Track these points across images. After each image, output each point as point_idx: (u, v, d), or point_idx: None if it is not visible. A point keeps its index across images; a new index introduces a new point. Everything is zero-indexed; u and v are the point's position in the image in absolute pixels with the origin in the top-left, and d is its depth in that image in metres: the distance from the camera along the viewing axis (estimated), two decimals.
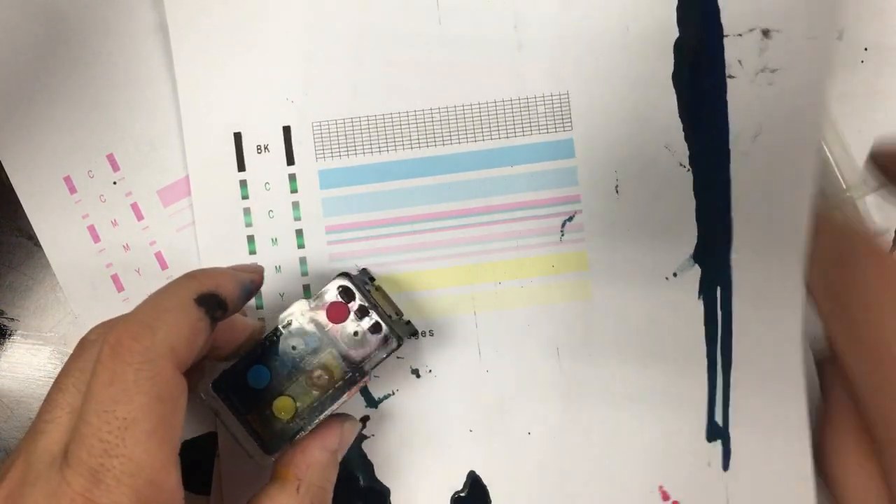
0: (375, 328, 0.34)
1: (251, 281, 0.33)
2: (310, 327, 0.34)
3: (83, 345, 0.30)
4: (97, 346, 0.28)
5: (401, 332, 0.36)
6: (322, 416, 0.34)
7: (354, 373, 0.34)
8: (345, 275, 0.35)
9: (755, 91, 0.39)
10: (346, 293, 0.34)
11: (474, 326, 0.40)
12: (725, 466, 0.39)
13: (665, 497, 0.39)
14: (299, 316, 0.34)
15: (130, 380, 0.26)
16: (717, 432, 0.39)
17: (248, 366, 0.34)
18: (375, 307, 0.35)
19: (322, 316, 0.34)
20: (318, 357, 0.34)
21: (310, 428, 0.34)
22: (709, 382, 0.39)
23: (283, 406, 0.34)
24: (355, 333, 0.34)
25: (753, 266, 0.38)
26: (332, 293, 0.34)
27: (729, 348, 0.39)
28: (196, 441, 0.40)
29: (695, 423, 0.39)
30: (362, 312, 0.34)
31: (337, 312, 0.34)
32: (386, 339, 0.34)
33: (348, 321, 0.34)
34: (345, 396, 0.34)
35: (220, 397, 0.34)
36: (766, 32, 0.38)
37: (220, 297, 0.30)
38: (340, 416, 0.35)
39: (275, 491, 0.31)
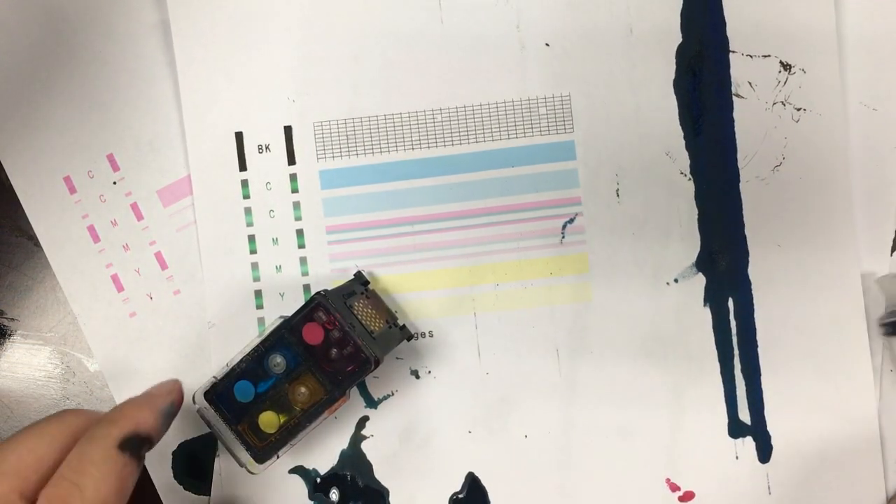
0: (353, 349, 0.34)
1: (171, 404, 0.33)
2: (290, 345, 0.35)
3: None
4: None
5: (385, 345, 0.36)
6: (305, 431, 0.35)
7: (333, 391, 0.35)
8: (320, 294, 0.35)
9: (772, 121, 0.39)
10: (323, 313, 0.34)
11: (474, 328, 0.40)
12: (764, 459, 0.39)
13: (674, 488, 0.39)
14: (281, 334, 0.35)
15: None
16: (745, 430, 0.39)
17: (235, 380, 0.35)
18: (353, 327, 0.35)
19: (301, 335, 0.35)
20: (299, 375, 0.35)
21: (294, 441, 0.35)
22: (725, 385, 0.39)
23: (267, 421, 0.35)
24: (333, 353, 0.34)
25: (775, 287, 0.39)
26: (308, 314, 0.35)
27: (754, 357, 0.39)
28: (196, 441, 0.40)
29: (707, 421, 0.39)
30: (340, 333, 0.34)
31: (313, 333, 0.34)
32: (363, 361, 0.34)
33: (325, 341, 0.34)
34: (324, 414, 0.35)
35: (212, 407, 0.35)
36: (786, 66, 0.38)
37: (142, 435, 0.30)
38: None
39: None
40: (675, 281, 0.39)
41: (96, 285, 0.41)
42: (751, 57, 0.39)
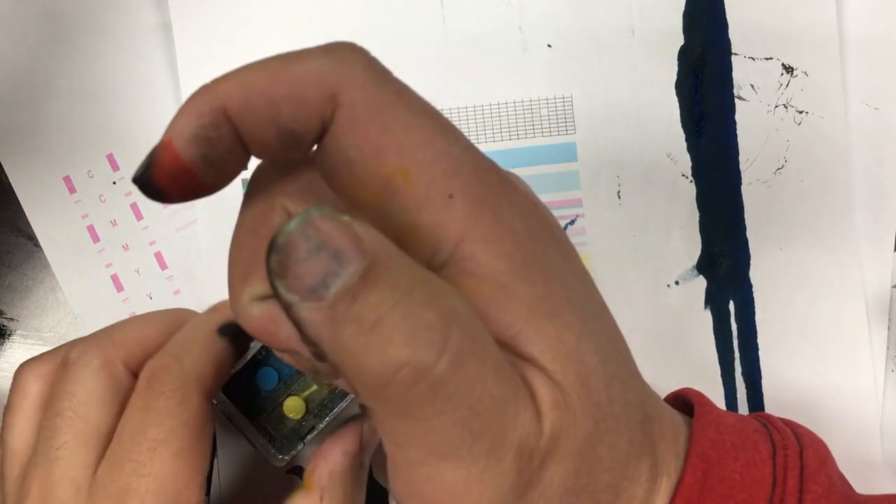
0: None
1: None
2: None
3: (67, 365, 0.30)
4: (84, 363, 0.29)
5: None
6: (333, 414, 0.34)
7: None
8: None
9: (774, 123, 0.39)
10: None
11: None
12: None
13: None
14: None
15: (161, 405, 0.28)
16: None
17: (256, 369, 0.34)
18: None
19: None
20: None
21: (321, 426, 0.34)
22: (726, 389, 0.39)
23: (292, 406, 0.34)
24: None
25: (776, 289, 0.39)
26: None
27: (755, 360, 0.39)
28: None
29: None
30: None
31: None
32: None
33: None
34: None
35: (231, 401, 0.34)
36: (788, 69, 0.38)
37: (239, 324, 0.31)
38: (362, 417, 0.35)
39: (298, 501, 0.31)
40: (676, 283, 0.39)
41: (96, 285, 0.41)
42: (753, 59, 0.39)
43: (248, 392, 0.34)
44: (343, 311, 0.18)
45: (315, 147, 0.21)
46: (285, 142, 0.21)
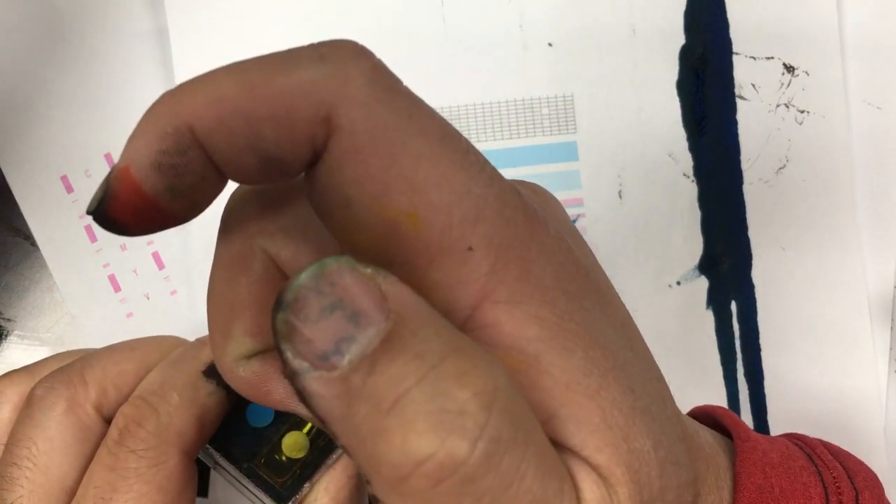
0: None
1: None
2: None
3: (31, 404, 0.26)
4: (47, 405, 0.26)
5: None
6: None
7: None
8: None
9: (776, 123, 0.39)
10: None
11: None
12: None
13: None
14: None
15: (132, 467, 0.24)
16: None
17: (245, 403, 0.28)
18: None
19: None
20: None
21: (330, 460, 0.28)
22: (728, 389, 0.39)
23: (293, 443, 0.28)
24: None
25: (778, 289, 0.39)
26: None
27: (757, 361, 0.39)
28: None
29: None
30: None
31: None
32: None
33: None
34: None
35: (214, 447, 0.28)
36: (789, 68, 0.38)
37: None
38: None
39: None
40: (678, 283, 0.39)
41: (93, 285, 0.40)
42: (754, 59, 0.39)
43: (236, 433, 0.28)
44: (358, 384, 0.15)
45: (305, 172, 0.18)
46: (267, 170, 0.17)
